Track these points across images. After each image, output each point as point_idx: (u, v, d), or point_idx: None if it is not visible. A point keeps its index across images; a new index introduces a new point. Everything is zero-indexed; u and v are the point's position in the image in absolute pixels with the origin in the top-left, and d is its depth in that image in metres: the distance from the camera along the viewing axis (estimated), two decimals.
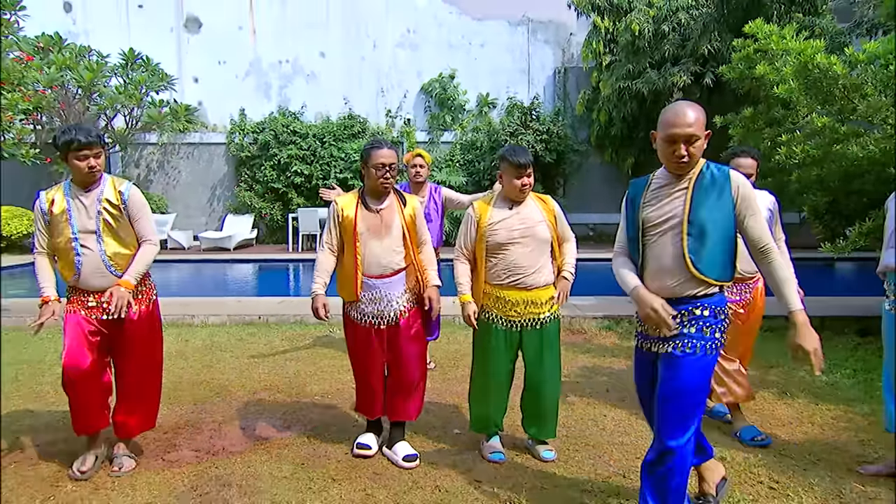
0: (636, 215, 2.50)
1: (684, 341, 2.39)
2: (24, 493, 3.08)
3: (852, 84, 4.38)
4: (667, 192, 2.45)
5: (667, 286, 2.41)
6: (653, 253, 2.45)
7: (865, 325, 5.90)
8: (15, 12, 6.72)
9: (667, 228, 2.41)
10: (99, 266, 3.16)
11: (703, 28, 12.27)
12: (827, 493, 3.01)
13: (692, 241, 2.35)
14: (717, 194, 2.37)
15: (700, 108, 2.35)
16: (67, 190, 3.20)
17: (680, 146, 2.32)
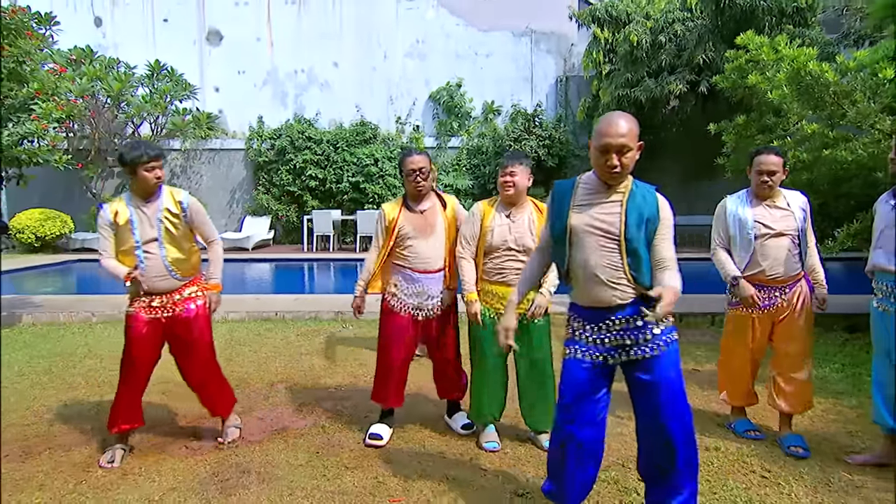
0: (564, 217, 2.40)
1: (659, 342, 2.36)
2: (57, 477, 3.11)
3: (843, 91, 4.36)
4: (598, 200, 2.37)
5: (605, 295, 2.34)
6: (585, 259, 2.35)
7: (853, 321, 5.86)
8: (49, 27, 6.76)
9: (602, 238, 2.34)
10: (161, 270, 3.28)
11: (698, 39, 12.22)
12: (816, 481, 3.00)
13: (630, 254, 2.32)
14: (647, 211, 2.34)
15: (633, 119, 2.31)
16: (129, 201, 3.27)
17: (612, 156, 2.27)
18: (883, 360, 3.07)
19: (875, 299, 3.07)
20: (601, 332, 2.39)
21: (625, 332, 2.36)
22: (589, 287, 2.37)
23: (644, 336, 2.35)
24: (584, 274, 2.37)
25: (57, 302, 7.54)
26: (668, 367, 2.35)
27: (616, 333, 2.37)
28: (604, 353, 2.40)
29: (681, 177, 14.99)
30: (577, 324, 2.47)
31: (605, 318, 2.37)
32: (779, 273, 3.36)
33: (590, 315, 2.42)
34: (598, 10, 13.75)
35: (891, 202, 3.00)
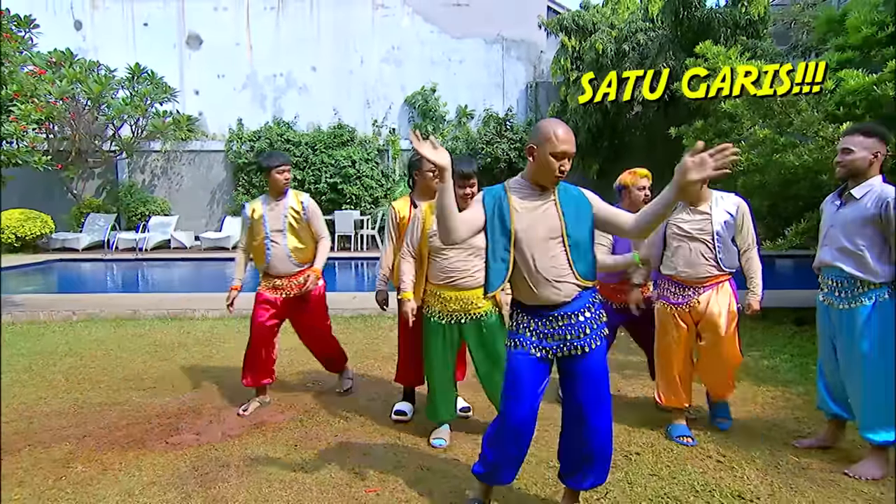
0: (507, 222, 2.36)
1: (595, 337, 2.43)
2: (37, 473, 3.04)
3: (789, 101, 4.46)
4: (535, 202, 2.40)
5: (550, 293, 2.36)
6: (530, 261, 2.36)
7: (802, 314, 6.01)
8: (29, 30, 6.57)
9: (546, 239, 2.36)
10: (283, 257, 3.88)
11: (659, 48, 12.39)
12: (767, 464, 3.08)
13: (573, 249, 2.37)
14: (578, 204, 2.42)
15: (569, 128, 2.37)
16: (264, 201, 3.93)
17: (566, 161, 2.32)
18: (827, 351, 3.16)
19: (821, 293, 3.15)
20: (544, 327, 2.41)
21: (567, 327, 2.39)
22: (534, 286, 2.37)
23: (583, 331, 2.40)
24: (530, 274, 2.37)
25: (37, 301, 7.35)
26: (599, 361, 2.44)
27: (559, 329, 2.40)
28: (546, 347, 2.42)
29: None
30: (521, 318, 2.47)
31: (549, 314, 2.40)
32: (690, 274, 3.35)
33: (534, 312, 2.43)
34: (565, 19, 13.86)
35: (836, 202, 3.09)
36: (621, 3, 14.82)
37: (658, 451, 3.24)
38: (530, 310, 2.44)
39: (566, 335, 2.39)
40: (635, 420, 3.67)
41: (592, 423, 2.42)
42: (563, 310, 2.39)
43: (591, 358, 2.42)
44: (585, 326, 2.40)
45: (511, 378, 2.46)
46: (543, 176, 2.37)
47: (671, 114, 11.82)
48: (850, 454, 3.15)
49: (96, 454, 3.26)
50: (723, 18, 11.72)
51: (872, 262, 2.87)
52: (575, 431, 2.48)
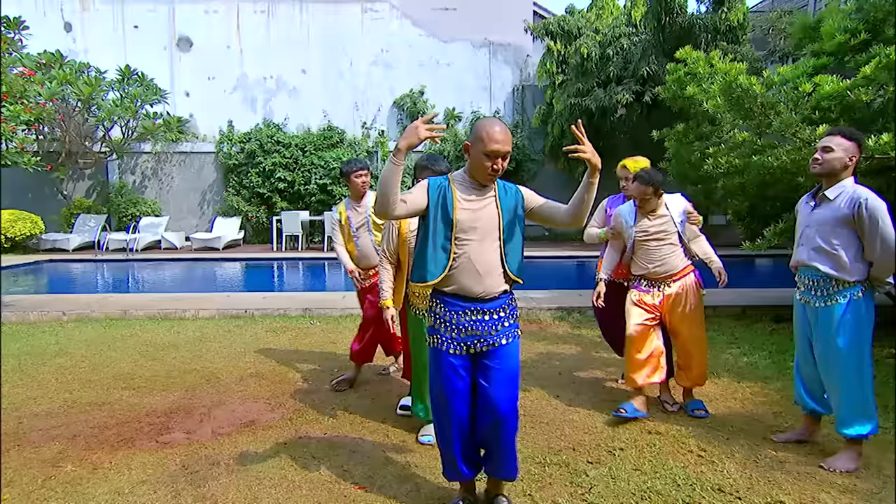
0: (449, 214, 2.41)
1: (509, 333, 2.49)
2: (26, 473, 3.00)
3: (768, 102, 4.51)
4: (476, 198, 2.45)
5: (478, 286, 2.42)
6: (469, 254, 2.41)
7: (780, 312, 6.08)
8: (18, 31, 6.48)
9: (484, 234, 2.42)
10: (369, 252, 4.20)
11: (642, 52, 12.48)
12: (746, 458, 3.11)
13: (506, 244, 2.45)
14: (514, 202, 2.50)
15: (507, 128, 2.42)
16: (348, 205, 4.27)
17: (499, 161, 2.36)
18: (803, 348, 3.20)
19: (797, 292, 3.19)
20: (462, 321, 2.44)
21: (482, 322, 2.44)
22: (465, 279, 2.41)
23: (495, 328, 2.46)
24: (461, 266, 2.41)
25: (27, 301, 7.25)
26: (512, 357, 2.49)
27: (475, 323, 2.44)
28: (464, 343, 2.46)
29: None
30: (439, 309, 2.50)
31: (468, 307, 2.44)
32: (661, 270, 3.68)
33: (454, 304, 2.46)
34: (551, 24, 13.92)
35: (810, 203, 3.12)
36: (605, 9, 14.92)
37: (641, 446, 3.26)
38: (450, 302, 2.46)
39: (481, 330, 2.45)
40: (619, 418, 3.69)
41: (505, 417, 2.46)
42: (482, 304, 2.44)
43: (504, 352, 2.47)
44: (499, 324, 2.47)
45: (437, 380, 2.51)
46: (479, 173, 2.42)
47: (654, 117, 11.90)
48: (826, 448, 3.19)
49: (86, 454, 3.22)
50: (703, 24, 11.83)
51: (847, 261, 2.91)
52: (485, 421, 2.49)
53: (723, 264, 3.78)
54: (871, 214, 2.83)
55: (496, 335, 2.46)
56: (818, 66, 5.16)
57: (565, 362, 4.88)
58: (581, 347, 5.34)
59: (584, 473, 2.96)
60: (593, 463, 3.07)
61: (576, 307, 6.58)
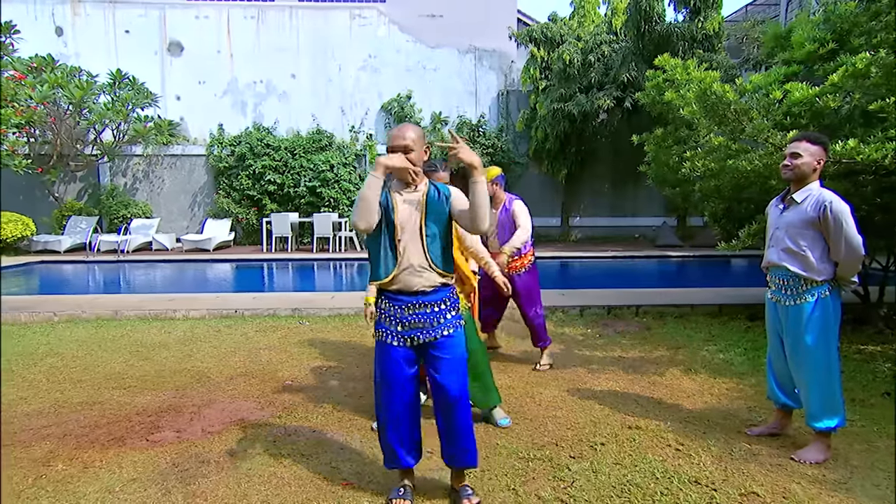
0: (391, 216, 2.54)
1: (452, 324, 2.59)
2: (16, 472, 2.96)
3: (741, 108, 4.56)
4: (408, 198, 2.57)
5: (413, 281, 2.52)
6: (410, 254, 2.53)
7: (754, 311, 6.16)
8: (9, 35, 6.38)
9: (413, 232, 2.53)
10: None
11: (622, 59, 12.58)
12: (722, 451, 3.15)
13: (429, 242, 2.53)
14: (440, 202, 2.57)
15: (413, 126, 2.56)
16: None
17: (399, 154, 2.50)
18: (775, 345, 3.24)
19: (769, 291, 3.23)
20: (404, 314, 2.55)
21: (423, 315, 2.54)
22: (402, 274, 2.53)
23: (439, 319, 2.56)
24: (398, 262, 2.53)
25: (18, 302, 7.13)
26: (456, 346, 2.59)
27: (416, 316, 2.54)
28: (407, 336, 2.56)
29: (611, 182, 15.42)
30: (385, 305, 2.60)
31: (409, 301, 2.55)
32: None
33: (396, 299, 2.57)
34: (534, 31, 13.98)
35: (779, 206, 3.17)
36: (587, 17, 15.03)
37: (622, 440, 3.29)
38: (394, 298, 2.57)
39: (423, 323, 2.55)
40: (600, 412, 3.72)
41: (455, 402, 2.56)
42: (421, 298, 2.54)
43: (448, 343, 2.57)
44: (440, 316, 2.56)
45: (380, 369, 2.61)
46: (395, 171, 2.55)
47: (634, 122, 12.01)
48: (797, 440, 3.24)
49: (77, 452, 3.18)
50: (681, 33, 11.97)
51: (814, 261, 2.96)
52: (441, 411, 2.61)
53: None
54: (835, 217, 2.88)
55: (438, 327, 2.56)
56: (789, 74, 5.23)
57: None
58: (564, 345, 5.36)
59: (566, 468, 2.98)
60: (575, 457, 3.09)
61: (559, 306, 6.62)
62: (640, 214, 15.45)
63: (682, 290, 7.77)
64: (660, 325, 6.09)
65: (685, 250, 12.88)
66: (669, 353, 5.06)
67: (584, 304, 6.68)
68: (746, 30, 13.99)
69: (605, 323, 6.22)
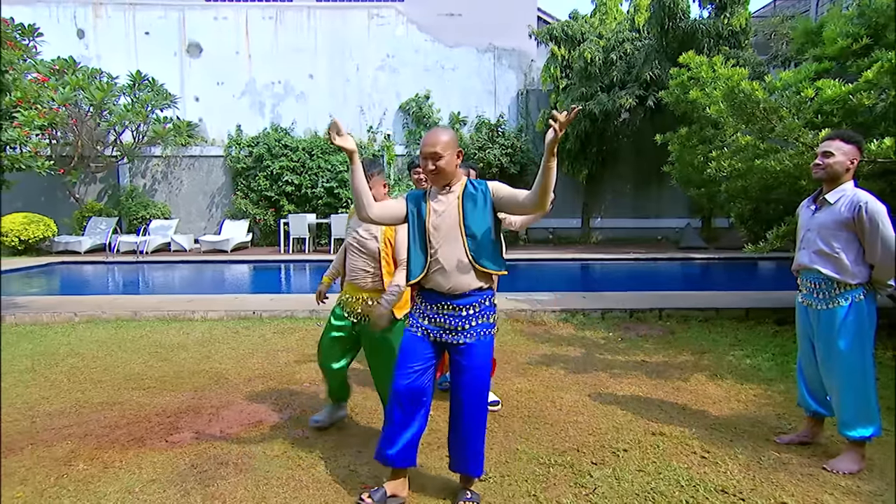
0: (423, 218, 2.62)
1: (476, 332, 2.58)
2: (39, 472, 3.02)
3: (771, 107, 4.49)
4: (443, 202, 2.62)
5: (445, 282, 2.56)
6: (437, 253, 2.57)
7: (783, 315, 6.06)
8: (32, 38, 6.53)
9: (448, 234, 2.57)
10: None
11: (645, 57, 12.47)
12: (749, 459, 3.10)
13: (470, 241, 2.55)
14: (479, 196, 2.59)
15: (443, 131, 2.57)
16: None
17: (428, 162, 2.55)
18: (806, 351, 3.18)
19: (800, 295, 3.18)
20: (431, 311, 2.62)
21: (449, 316, 2.58)
22: (434, 274, 2.58)
23: (463, 325, 2.58)
24: (437, 264, 2.57)
25: (40, 302, 7.30)
26: (478, 356, 2.58)
27: (441, 316, 2.60)
28: (427, 329, 2.63)
29: (633, 182, 15.30)
30: (418, 299, 2.70)
31: (439, 300, 2.60)
32: None
33: (428, 295, 2.64)
34: (555, 29, 13.93)
35: (811, 207, 3.12)
36: (609, 14, 14.94)
37: (645, 447, 3.25)
38: (426, 293, 2.64)
39: (446, 324, 2.59)
40: (623, 418, 3.68)
41: (466, 411, 2.60)
42: (452, 300, 2.58)
43: (471, 352, 2.58)
44: (467, 322, 2.58)
45: (401, 353, 2.67)
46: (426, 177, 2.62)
47: (657, 121, 11.90)
48: (829, 449, 3.17)
49: (97, 452, 3.24)
50: (706, 29, 11.82)
51: (848, 263, 2.90)
52: (454, 414, 2.65)
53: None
54: (871, 218, 2.82)
55: (461, 333, 2.58)
56: (820, 71, 5.14)
57: (570, 364, 4.87)
58: (585, 349, 5.33)
59: (588, 474, 2.95)
60: (597, 464, 3.07)
61: (580, 309, 6.57)
62: (663, 216, 15.29)
63: (707, 294, 7.66)
64: (684, 329, 6.02)
65: (710, 252, 12.71)
66: (694, 357, 5.00)
67: (605, 308, 6.63)
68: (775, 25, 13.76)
69: (627, 326, 6.16)
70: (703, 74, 5.33)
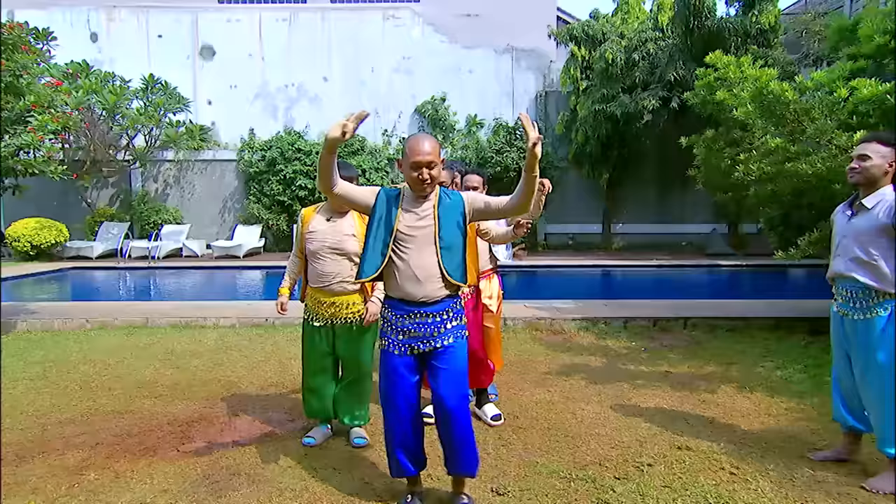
0: (392, 221, 2.61)
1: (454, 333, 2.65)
2: (50, 480, 3.06)
3: (802, 108, 4.44)
4: (417, 208, 2.63)
5: (418, 291, 2.58)
6: (407, 261, 2.58)
7: (815, 324, 5.95)
8: (46, 42, 6.68)
9: (422, 243, 2.58)
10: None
11: (669, 57, 12.40)
12: (782, 477, 3.04)
13: (444, 251, 2.59)
14: (454, 208, 2.64)
15: (434, 140, 2.61)
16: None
17: (424, 171, 2.55)
18: (841, 362, 3.12)
19: (835, 304, 3.12)
20: (406, 323, 2.62)
21: (426, 325, 2.61)
22: (404, 282, 2.60)
23: (439, 329, 2.63)
24: (401, 271, 2.60)
25: (52, 309, 7.42)
26: (458, 358, 2.66)
27: (419, 325, 2.62)
28: (410, 345, 2.64)
29: (656, 186, 15.18)
30: (388, 314, 2.69)
31: (412, 310, 2.62)
32: None
33: (399, 307, 2.64)
34: (575, 29, 13.91)
35: (847, 213, 3.07)
36: (631, 13, 14.88)
37: (670, 462, 3.21)
38: (397, 305, 2.65)
39: (423, 332, 2.62)
40: (647, 431, 3.64)
41: (452, 412, 2.62)
42: (424, 308, 2.61)
43: (450, 353, 2.64)
44: (442, 325, 2.64)
45: (385, 376, 2.70)
46: (412, 184, 2.63)
47: (682, 123, 11.79)
48: (867, 467, 3.10)
49: (109, 462, 3.28)
50: (733, 28, 11.73)
51: (887, 271, 2.85)
52: (441, 420, 2.68)
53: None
54: None
55: (439, 336, 2.63)
56: (855, 70, 5.07)
57: (591, 374, 4.83)
58: (607, 359, 5.28)
59: (610, 489, 2.92)
60: (620, 479, 3.03)
61: (601, 317, 6.52)
62: (687, 221, 15.15)
63: (735, 302, 7.57)
64: (710, 338, 5.94)
65: (737, 259, 12.56)
66: (721, 369, 4.93)
67: (627, 316, 6.57)
68: (806, 23, 13.59)
69: (650, 336, 6.10)
70: (731, 75, 5.28)
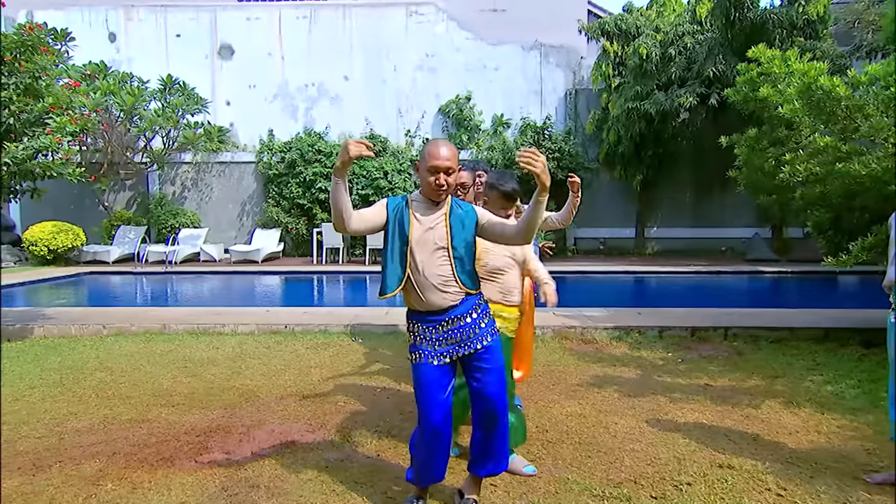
0: (405, 231, 2.69)
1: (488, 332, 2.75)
2: (67, 491, 3.12)
3: (855, 105, 4.34)
4: (429, 216, 2.72)
5: (437, 298, 2.68)
6: (422, 270, 2.67)
7: (869, 336, 5.79)
8: (65, 43, 6.86)
9: (435, 250, 2.68)
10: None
11: (707, 52, 12.25)
12: (834, 500, 2.95)
13: (456, 260, 2.69)
14: (466, 220, 2.74)
15: (452, 146, 2.70)
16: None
17: (442, 176, 2.64)
18: None
19: (892, 314, 3.03)
20: (438, 333, 2.72)
21: (456, 330, 2.71)
22: (422, 292, 2.69)
23: (474, 330, 2.72)
24: (420, 281, 2.68)
25: (68, 314, 7.59)
26: (496, 356, 2.75)
27: (450, 332, 2.71)
28: (444, 353, 2.73)
29: (693, 188, 14.99)
30: (416, 328, 2.77)
31: (439, 319, 2.71)
32: None
33: (426, 319, 2.73)
34: (607, 23, 13.83)
35: None
36: (667, 6, 14.74)
37: (711, 481, 3.15)
38: (422, 318, 2.74)
39: (458, 337, 2.71)
40: (685, 447, 3.57)
41: (501, 413, 2.73)
42: (450, 313, 2.70)
43: (490, 351, 2.73)
44: (475, 326, 2.73)
45: (419, 388, 2.75)
46: (427, 190, 2.70)
47: (721, 121, 11.64)
48: None
49: (126, 472, 3.33)
50: (778, 19, 11.54)
51: None
52: (482, 421, 2.76)
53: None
54: None
55: (475, 338, 2.72)
56: None
57: (624, 386, 4.77)
58: (641, 370, 5.21)
59: None
60: (658, 498, 2.98)
61: (634, 326, 6.44)
62: (727, 225, 14.91)
63: (780, 311, 7.41)
64: (753, 350, 5.83)
65: (782, 265, 12.31)
66: (765, 382, 4.82)
67: (663, 325, 6.48)
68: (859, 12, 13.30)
69: (688, 346, 6.01)
70: (776, 70, 5.19)
